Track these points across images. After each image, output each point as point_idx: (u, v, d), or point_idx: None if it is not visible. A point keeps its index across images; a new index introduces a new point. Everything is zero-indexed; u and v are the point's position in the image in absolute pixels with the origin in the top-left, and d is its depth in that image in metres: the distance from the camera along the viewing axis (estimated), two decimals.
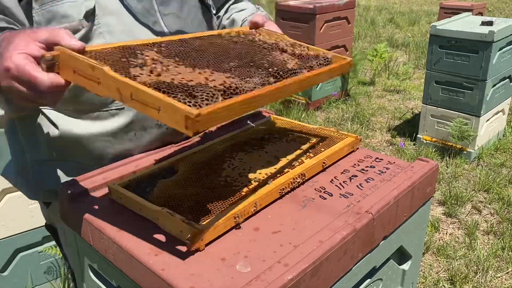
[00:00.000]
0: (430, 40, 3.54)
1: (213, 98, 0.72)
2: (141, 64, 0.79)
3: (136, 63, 0.79)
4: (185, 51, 0.94)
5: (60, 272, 2.22)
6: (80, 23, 1.01)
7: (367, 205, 0.90)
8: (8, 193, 1.99)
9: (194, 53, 0.94)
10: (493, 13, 9.14)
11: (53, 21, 1.00)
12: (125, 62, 0.79)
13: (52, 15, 1.00)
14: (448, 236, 2.77)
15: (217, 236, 0.83)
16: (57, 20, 1.00)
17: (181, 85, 0.73)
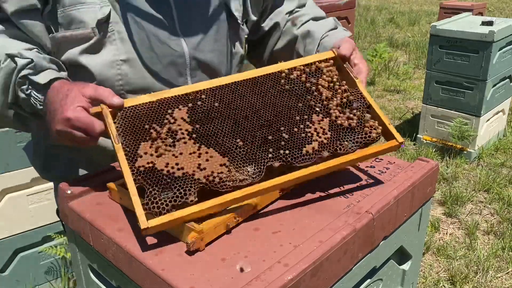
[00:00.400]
0: (430, 40, 3.54)
1: (183, 198, 0.82)
2: (154, 137, 0.89)
3: (150, 137, 0.89)
4: (216, 110, 0.95)
5: (60, 272, 2.22)
6: (92, 31, 1.05)
7: (367, 205, 0.90)
8: (8, 193, 1.99)
9: (222, 115, 0.95)
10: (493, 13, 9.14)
11: (72, 25, 1.05)
12: (143, 133, 0.90)
13: (71, 19, 1.04)
14: (448, 236, 2.77)
15: (217, 236, 0.83)
16: (75, 24, 1.05)
17: (165, 177, 0.84)
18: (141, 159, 0.86)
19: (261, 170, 0.88)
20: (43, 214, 2.08)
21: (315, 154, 0.92)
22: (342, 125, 0.96)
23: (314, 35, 1.27)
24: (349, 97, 1.01)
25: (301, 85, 1.02)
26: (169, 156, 0.87)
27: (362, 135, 0.96)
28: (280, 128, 0.94)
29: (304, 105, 0.99)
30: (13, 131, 1.89)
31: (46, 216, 2.09)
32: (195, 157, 0.88)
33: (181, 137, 0.90)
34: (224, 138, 0.91)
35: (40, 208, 2.08)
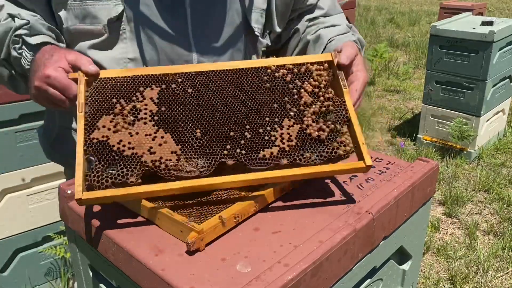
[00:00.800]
0: (430, 40, 3.54)
1: (124, 178, 0.83)
2: (117, 113, 0.89)
3: (113, 111, 0.89)
4: (188, 96, 0.93)
5: (60, 273, 2.22)
6: (103, 28, 1.08)
7: (367, 205, 0.90)
8: (8, 193, 1.99)
9: (192, 102, 0.92)
10: (493, 13, 9.14)
11: (87, 19, 1.08)
12: (108, 106, 0.90)
13: (86, 13, 1.07)
14: (448, 236, 2.77)
15: (217, 236, 0.83)
16: (90, 19, 1.08)
17: (114, 153, 0.85)
18: (98, 131, 0.87)
19: (210, 165, 0.86)
20: (43, 214, 2.08)
21: (272, 159, 0.88)
22: (310, 135, 0.91)
23: (322, 39, 1.25)
24: (330, 107, 0.94)
25: (283, 85, 0.96)
26: (124, 134, 0.87)
27: (328, 149, 0.90)
28: (245, 126, 0.91)
29: (279, 107, 0.94)
30: (13, 131, 1.89)
31: (46, 216, 2.09)
32: (149, 140, 0.87)
33: (143, 116, 0.90)
34: (185, 125, 0.90)
35: (40, 208, 2.08)
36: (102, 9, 1.07)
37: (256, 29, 1.20)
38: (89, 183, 0.82)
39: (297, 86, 0.97)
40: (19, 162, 1.95)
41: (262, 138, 0.90)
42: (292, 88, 0.96)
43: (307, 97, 0.95)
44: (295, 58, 1.01)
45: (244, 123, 0.91)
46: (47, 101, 0.98)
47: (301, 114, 0.93)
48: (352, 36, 1.23)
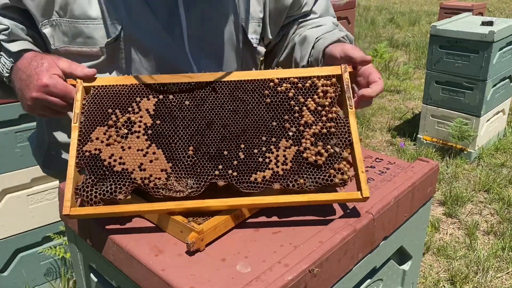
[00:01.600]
0: (430, 40, 3.54)
1: (112, 194, 0.82)
2: (111, 125, 0.89)
3: (107, 123, 0.89)
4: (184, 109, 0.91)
5: (60, 273, 2.22)
6: (100, 50, 1.04)
7: (368, 206, 0.89)
8: (8, 193, 1.99)
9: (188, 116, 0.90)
10: (493, 13, 9.14)
11: (79, 38, 1.03)
12: (103, 116, 0.90)
13: (78, 32, 1.02)
14: (448, 236, 2.77)
15: (217, 236, 0.83)
16: (83, 38, 1.03)
17: (105, 168, 0.85)
18: (91, 143, 0.87)
19: (200, 186, 0.84)
20: (43, 214, 2.08)
21: (264, 183, 0.85)
22: (307, 159, 0.86)
23: (308, 39, 1.20)
24: (331, 129, 0.89)
25: (284, 102, 0.91)
26: (117, 147, 0.87)
27: (324, 176, 0.85)
28: (240, 146, 0.87)
29: (277, 125, 0.89)
30: (13, 131, 1.89)
31: (46, 216, 2.09)
32: (141, 155, 0.87)
33: (136, 129, 0.89)
34: (178, 142, 0.88)
35: (40, 208, 2.08)
36: (97, 29, 1.02)
37: (254, 40, 1.19)
38: (79, 197, 0.83)
39: (299, 103, 0.91)
40: (19, 162, 1.95)
41: (256, 160, 0.87)
42: (294, 106, 0.91)
43: (309, 116, 0.90)
44: (301, 71, 0.94)
45: (239, 142, 0.88)
46: (47, 110, 0.96)
47: (300, 135, 0.88)
48: (339, 32, 1.17)
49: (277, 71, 0.95)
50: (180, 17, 1.05)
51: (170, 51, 1.06)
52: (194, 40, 1.08)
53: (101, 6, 1.00)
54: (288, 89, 0.92)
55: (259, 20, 1.18)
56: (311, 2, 1.26)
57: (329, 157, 0.87)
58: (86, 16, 1.00)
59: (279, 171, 0.86)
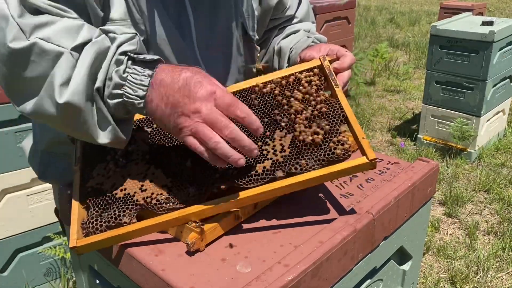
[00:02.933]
0: (431, 40, 3.54)
1: (117, 219, 0.81)
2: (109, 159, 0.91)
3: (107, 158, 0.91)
4: None
5: (59, 273, 2.22)
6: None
7: (368, 206, 0.89)
8: (8, 193, 1.99)
9: None
10: (493, 13, 9.14)
11: None
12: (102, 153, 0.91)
13: None
14: (448, 237, 2.77)
15: (217, 236, 0.83)
16: None
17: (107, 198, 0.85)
18: (93, 180, 0.89)
19: (202, 192, 0.83)
20: (43, 214, 2.08)
21: (266, 174, 0.82)
22: (304, 141, 0.85)
23: (283, 50, 1.21)
24: (322, 109, 0.89)
25: (271, 99, 0.93)
26: (117, 177, 0.88)
27: (325, 152, 0.82)
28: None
29: (269, 121, 0.90)
30: (13, 131, 1.89)
31: (46, 216, 2.09)
32: (141, 178, 0.88)
33: (134, 158, 0.91)
34: (175, 157, 0.90)
35: (40, 208, 2.08)
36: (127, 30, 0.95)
37: (253, 36, 1.19)
38: (86, 231, 0.82)
39: (286, 97, 0.93)
40: (19, 162, 1.95)
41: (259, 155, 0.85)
42: (281, 100, 0.92)
43: (298, 104, 0.91)
44: (283, 71, 0.98)
45: None
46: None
47: (293, 122, 0.89)
48: (307, 40, 1.18)
49: (260, 77, 0.97)
50: (189, 18, 1.06)
51: (181, 51, 1.07)
52: (201, 40, 1.09)
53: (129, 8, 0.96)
54: (273, 88, 0.94)
55: (256, 17, 1.20)
56: (294, 6, 1.28)
57: (326, 134, 0.85)
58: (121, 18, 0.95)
59: (278, 159, 0.84)
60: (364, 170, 0.83)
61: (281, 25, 1.30)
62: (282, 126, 0.89)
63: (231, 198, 0.81)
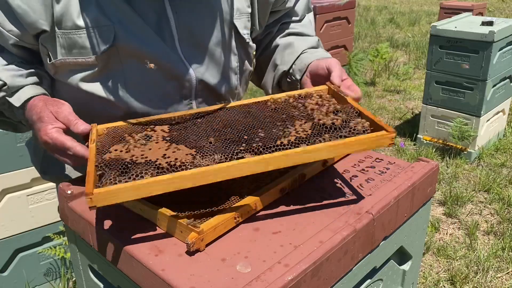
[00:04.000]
0: (430, 40, 3.54)
1: (138, 177, 0.78)
2: (127, 140, 0.91)
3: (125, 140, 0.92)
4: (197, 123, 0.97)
5: (59, 273, 2.22)
6: (96, 60, 1.03)
7: (368, 206, 0.90)
8: (8, 193, 1.99)
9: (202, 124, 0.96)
10: (493, 13, 9.14)
11: (74, 49, 1.03)
12: (119, 139, 0.93)
13: (72, 43, 1.02)
14: (448, 236, 2.77)
15: (217, 236, 0.83)
16: (77, 48, 1.02)
17: (127, 163, 0.82)
18: (109, 153, 0.88)
19: (228, 158, 0.82)
20: (43, 214, 2.08)
21: (290, 145, 0.84)
22: (324, 124, 0.89)
23: (295, 47, 1.25)
24: (337, 107, 0.96)
25: (288, 105, 1.01)
26: (137, 151, 0.88)
27: (346, 130, 0.86)
28: (257, 131, 0.90)
29: (287, 116, 0.96)
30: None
31: (46, 216, 2.10)
32: (163, 150, 0.87)
33: (154, 139, 0.92)
34: (196, 137, 0.91)
35: (40, 208, 2.08)
36: (89, 39, 1.01)
37: (246, 36, 1.19)
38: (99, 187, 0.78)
39: (301, 103, 1.00)
40: (19, 162, 1.95)
41: (276, 134, 0.88)
42: (297, 104, 1.00)
43: (314, 106, 0.98)
44: (293, 92, 1.06)
45: (256, 129, 0.91)
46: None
47: (310, 116, 0.94)
48: (325, 53, 1.23)
49: (270, 96, 1.05)
50: (170, 20, 1.05)
51: (164, 55, 1.06)
52: (185, 42, 1.08)
53: (91, 15, 0.99)
54: (287, 99, 1.03)
55: (247, 15, 1.19)
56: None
57: (343, 121, 0.90)
58: (77, 26, 1.00)
59: (301, 136, 0.86)
60: (384, 144, 0.84)
61: (281, 20, 1.30)
62: (300, 117, 0.94)
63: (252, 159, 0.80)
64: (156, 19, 1.05)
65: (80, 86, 1.06)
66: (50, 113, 0.97)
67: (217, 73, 1.15)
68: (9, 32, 1.01)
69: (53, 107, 0.98)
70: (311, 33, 1.32)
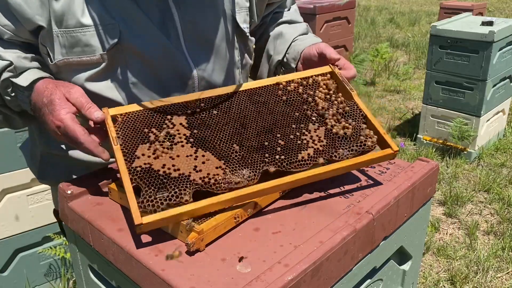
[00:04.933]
0: (430, 40, 3.54)
1: (178, 198, 0.83)
2: (152, 140, 0.91)
3: (148, 140, 0.92)
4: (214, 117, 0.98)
5: (60, 273, 2.22)
6: (101, 57, 1.02)
7: (368, 206, 0.89)
8: (8, 193, 1.99)
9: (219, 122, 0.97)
10: (493, 13, 9.14)
11: (77, 47, 1.01)
12: (142, 136, 0.92)
13: (75, 41, 1.01)
14: (448, 236, 2.77)
15: (217, 236, 0.83)
16: (81, 46, 1.01)
17: (161, 177, 0.86)
18: (138, 160, 0.88)
19: (256, 174, 0.89)
20: (43, 214, 2.08)
21: (311, 160, 0.93)
22: (337, 134, 0.98)
23: (285, 36, 1.30)
24: (345, 108, 1.03)
25: (298, 96, 1.05)
26: (166, 158, 0.89)
27: (357, 143, 0.97)
28: (276, 135, 0.96)
29: (300, 115, 1.01)
30: (13, 131, 1.89)
31: (46, 216, 2.09)
32: (192, 160, 0.89)
33: (178, 140, 0.92)
34: (221, 143, 0.93)
35: (40, 208, 2.08)
36: (94, 36, 1.00)
37: (246, 30, 1.21)
38: (143, 209, 0.81)
39: (310, 95, 1.05)
40: (19, 162, 1.95)
41: (295, 143, 0.95)
42: (307, 97, 1.05)
43: (323, 103, 1.04)
44: (300, 73, 1.10)
45: (274, 133, 0.96)
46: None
47: (322, 117, 1.01)
48: (316, 38, 1.29)
49: (280, 77, 1.08)
50: (173, 16, 1.06)
51: (168, 52, 1.06)
52: (189, 38, 1.09)
53: (95, 13, 0.99)
54: (296, 87, 1.07)
55: (246, 9, 1.20)
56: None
57: (353, 128, 0.99)
58: (81, 24, 0.99)
59: (319, 148, 0.95)
60: (388, 159, 0.99)
61: (275, 10, 1.35)
62: (313, 120, 1.01)
63: (282, 180, 0.89)
64: (160, 15, 1.05)
65: (85, 86, 1.04)
66: (62, 95, 0.94)
67: (221, 68, 1.16)
68: (4, 27, 1.00)
69: (64, 88, 0.95)
70: (299, 19, 1.38)
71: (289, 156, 0.93)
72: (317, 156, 0.94)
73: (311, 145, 0.95)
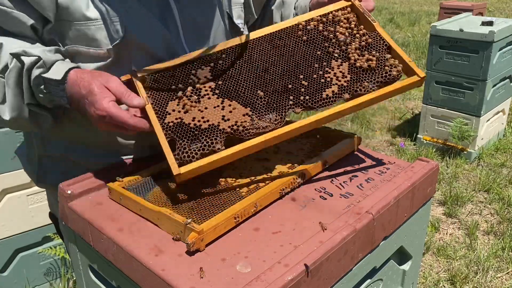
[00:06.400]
0: (430, 40, 3.54)
1: (210, 147, 0.89)
2: (180, 96, 0.96)
3: (177, 95, 0.97)
4: (237, 66, 1.01)
5: (60, 273, 2.22)
6: (108, 52, 1.02)
7: (368, 206, 0.89)
8: (8, 193, 1.99)
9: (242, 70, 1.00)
10: (493, 13, 9.14)
11: (84, 41, 1.01)
12: (170, 92, 0.97)
13: (81, 35, 1.00)
14: (448, 236, 2.77)
15: (217, 236, 0.83)
16: (87, 41, 1.01)
17: (192, 129, 0.92)
18: (170, 115, 0.94)
19: (282, 117, 0.93)
20: (43, 214, 2.08)
21: (336, 96, 0.95)
22: (361, 67, 0.98)
23: (287, 2, 1.32)
24: (368, 40, 1.03)
25: (318, 34, 1.05)
26: (195, 111, 0.94)
27: (382, 74, 0.97)
28: (299, 77, 0.98)
29: (322, 53, 1.02)
30: (13, 131, 1.89)
31: (46, 216, 2.08)
32: (219, 110, 0.94)
33: (205, 93, 0.97)
34: (245, 91, 0.97)
35: (40, 208, 2.08)
36: (99, 30, 1.00)
37: (240, 25, 1.22)
38: (179, 160, 0.87)
39: (331, 32, 1.05)
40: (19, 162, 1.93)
41: (318, 82, 0.97)
42: (328, 34, 1.05)
43: (345, 37, 1.04)
44: (318, 11, 1.10)
45: (297, 75, 0.98)
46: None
47: (345, 52, 1.01)
48: None
49: (299, 17, 1.09)
50: (172, 10, 1.08)
51: (168, 44, 1.08)
52: (189, 32, 1.11)
53: (99, 7, 0.99)
54: (316, 25, 1.07)
55: (241, 5, 1.23)
56: None
57: (377, 60, 0.99)
58: (86, 17, 0.99)
59: (343, 84, 0.96)
60: (415, 87, 0.98)
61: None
62: (336, 56, 1.01)
63: (310, 119, 0.91)
64: (160, 10, 1.06)
65: None
66: (101, 85, 0.92)
67: None
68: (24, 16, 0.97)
69: (102, 78, 0.94)
70: None
71: (313, 96, 0.95)
72: (342, 92, 0.95)
73: (335, 82, 0.96)
